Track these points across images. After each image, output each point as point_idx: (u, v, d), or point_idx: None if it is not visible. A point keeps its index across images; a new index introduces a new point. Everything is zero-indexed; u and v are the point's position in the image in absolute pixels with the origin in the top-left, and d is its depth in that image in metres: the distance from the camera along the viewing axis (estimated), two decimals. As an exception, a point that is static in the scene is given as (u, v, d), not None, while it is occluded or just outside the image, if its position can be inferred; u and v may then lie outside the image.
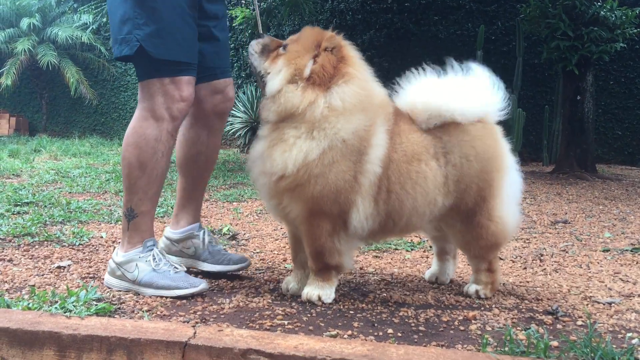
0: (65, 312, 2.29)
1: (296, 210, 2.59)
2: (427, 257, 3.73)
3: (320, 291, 2.67)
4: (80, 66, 17.06)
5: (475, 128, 2.78)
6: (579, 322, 2.49)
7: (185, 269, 2.87)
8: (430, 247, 3.93)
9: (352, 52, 2.68)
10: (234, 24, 12.63)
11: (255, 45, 2.67)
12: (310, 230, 2.61)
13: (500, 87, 2.86)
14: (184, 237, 3.07)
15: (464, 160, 2.72)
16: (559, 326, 2.45)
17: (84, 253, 3.52)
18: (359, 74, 2.64)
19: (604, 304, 2.79)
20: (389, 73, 2.88)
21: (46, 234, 3.88)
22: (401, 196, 2.62)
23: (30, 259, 3.32)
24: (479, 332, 2.33)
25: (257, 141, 2.69)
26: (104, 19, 11.10)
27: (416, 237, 4.28)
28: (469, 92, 2.78)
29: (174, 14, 2.67)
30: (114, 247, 3.60)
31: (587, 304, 2.78)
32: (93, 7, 11.32)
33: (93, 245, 3.72)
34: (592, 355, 2.00)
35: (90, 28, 15.60)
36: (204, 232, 3.11)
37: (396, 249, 3.93)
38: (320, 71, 2.55)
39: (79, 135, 16.39)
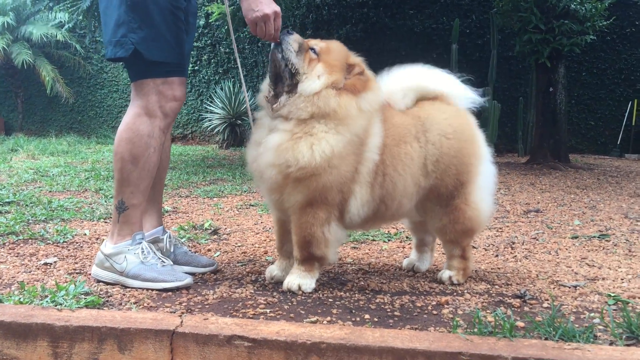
0: (56, 306, 2.38)
1: (296, 198, 2.72)
2: (404, 247, 3.86)
3: (301, 280, 2.80)
4: (55, 64, 16.97)
5: (450, 109, 3.03)
6: (545, 305, 2.64)
7: (172, 263, 2.98)
8: (407, 237, 4.08)
9: (369, 72, 2.92)
10: (210, 20, 12.63)
11: (293, 43, 2.78)
12: (304, 218, 2.74)
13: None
14: (149, 241, 3.09)
15: (443, 138, 2.91)
16: (526, 308, 2.60)
17: (69, 250, 3.59)
18: (377, 86, 2.90)
19: (569, 287, 2.94)
20: (366, 67, 3.03)
21: (30, 232, 3.95)
22: (394, 178, 2.82)
23: (17, 256, 3.39)
24: (451, 316, 2.47)
25: (267, 133, 2.80)
26: (80, 17, 11.04)
27: (393, 228, 4.42)
28: (433, 72, 3.10)
29: (166, 18, 2.79)
30: (98, 244, 3.70)
31: (553, 288, 2.94)
32: (69, 5, 11.25)
33: (77, 243, 3.80)
34: (554, 333, 2.15)
35: (66, 26, 15.50)
36: (168, 235, 3.20)
37: (373, 240, 4.06)
38: (352, 86, 2.79)
39: (55, 134, 16.31)
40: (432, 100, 3.04)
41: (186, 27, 2.98)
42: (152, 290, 2.76)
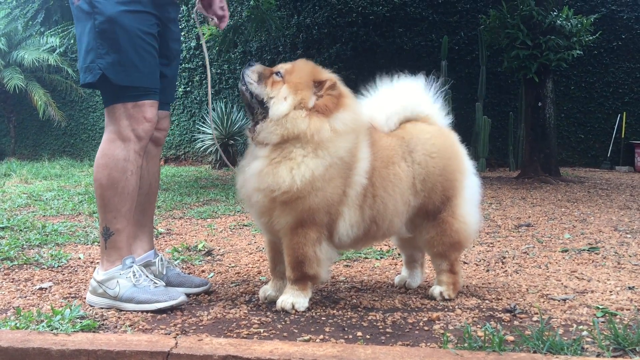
0: (52, 330, 2.41)
1: (285, 221, 2.77)
2: (396, 265, 3.90)
3: (295, 299, 2.83)
4: (47, 88, 17.02)
5: (432, 128, 3.09)
6: (535, 318, 2.69)
7: (164, 283, 3.01)
8: (399, 254, 4.11)
9: (344, 88, 2.94)
10: (200, 42, 12.73)
11: (251, 75, 2.86)
12: (295, 239, 2.78)
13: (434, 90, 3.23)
14: (142, 265, 3.10)
15: (427, 158, 2.98)
16: (516, 322, 2.64)
17: (64, 274, 3.62)
18: (353, 103, 2.93)
19: (558, 301, 2.99)
20: (357, 85, 3.11)
21: (25, 258, 3.97)
22: (385, 199, 2.87)
23: (12, 282, 3.41)
24: (442, 331, 2.50)
25: (251, 161, 2.86)
26: (72, 41, 11.13)
27: (385, 245, 4.45)
28: (413, 91, 3.15)
29: (134, 44, 2.84)
30: (93, 268, 3.72)
31: (543, 301, 2.98)
32: (60, 30, 11.35)
33: (72, 267, 3.82)
34: (543, 346, 2.19)
35: (58, 51, 15.60)
36: (160, 258, 3.23)
37: (366, 258, 4.10)
38: (323, 106, 2.80)
39: (48, 158, 16.32)
40: (414, 122, 3.10)
41: (167, 52, 3.06)
42: (147, 312, 2.79)
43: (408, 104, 3.11)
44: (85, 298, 3.00)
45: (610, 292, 3.16)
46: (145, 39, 2.88)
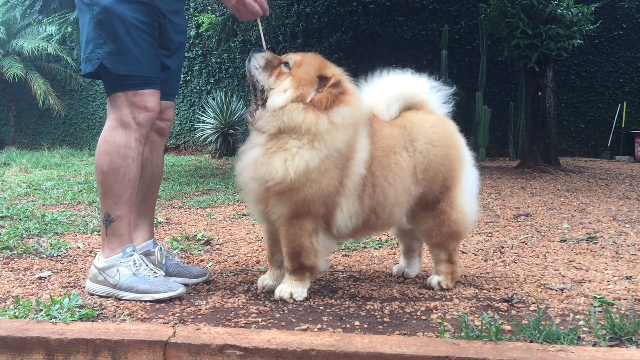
0: (51, 319, 2.42)
1: (281, 211, 2.77)
2: (394, 254, 3.91)
3: (293, 289, 2.84)
4: (47, 77, 17.00)
5: (433, 117, 3.10)
6: (532, 308, 2.69)
7: (164, 273, 3.02)
8: (398, 244, 4.12)
9: (349, 85, 2.90)
10: (200, 30, 12.72)
11: (259, 59, 2.86)
12: (291, 230, 2.78)
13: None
14: (141, 254, 3.10)
15: (429, 147, 2.98)
16: (513, 312, 2.65)
17: (63, 263, 3.63)
18: (355, 100, 2.87)
19: (556, 290, 2.99)
20: (357, 74, 3.09)
21: (24, 247, 3.98)
22: (385, 188, 2.87)
23: (11, 271, 3.42)
24: (439, 321, 2.51)
25: (249, 148, 2.87)
26: (69, 29, 11.10)
27: (384, 235, 4.46)
28: (411, 78, 3.16)
29: (130, 33, 2.85)
30: (92, 257, 3.73)
31: (540, 291, 2.99)
32: (57, 18, 11.31)
33: (71, 256, 3.83)
34: (539, 335, 2.20)
35: (55, 39, 15.56)
36: (159, 248, 3.24)
37: (365, 247, 4.11)
38: (319, 101, 2.77)
39: (48, 147, 16.31)
40: (416, 110, 3.10)
41: (169, 43, 3.07)
42: (146, 301, 2.80)
43: (406, 89, 3.09)
44: (84, 287, 3.02)
45: (608, 281, 3.17)
46: (142, 27, 2.88)
